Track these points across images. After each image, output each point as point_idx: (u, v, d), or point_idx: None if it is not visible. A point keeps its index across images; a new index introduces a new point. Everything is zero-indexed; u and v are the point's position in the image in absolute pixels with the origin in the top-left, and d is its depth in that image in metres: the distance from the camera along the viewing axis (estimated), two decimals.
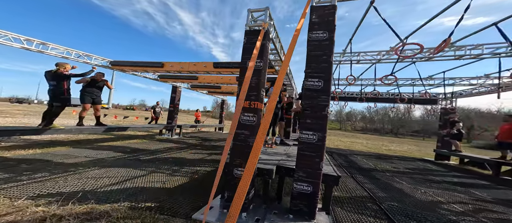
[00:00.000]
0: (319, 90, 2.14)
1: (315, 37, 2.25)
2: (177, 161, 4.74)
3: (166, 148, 6.26)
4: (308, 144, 2.17)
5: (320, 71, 2.16)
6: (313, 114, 2.16)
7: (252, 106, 2.40)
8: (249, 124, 2.39)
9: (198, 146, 7.18)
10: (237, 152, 2.42)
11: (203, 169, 4.28)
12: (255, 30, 2.56)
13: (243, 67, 2.49)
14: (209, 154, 5.82)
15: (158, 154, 5.32)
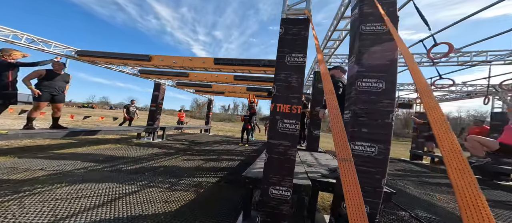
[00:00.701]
0: (379, 93, 1.79)
1: (371, 31, 1.90)
2: (170, 171, 4.05)
3: (151, 154, 5.44)
4: (364, 157, 1.80)
5: (380, 70, 1.81)
6: (372, 122, 1.79)
7: (294, 111, 1.96)
8: (290, 133, 1.94)
9: (188, 151, 6.45)
10: (274, 167, 1.96)
11: (205, 180, 3.70)
12: (294, 19, 2.12)
13: (282, 62, 2.04)
14: (205, 161, 5.19)
15: (143, 162, 4.54)
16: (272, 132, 2.00)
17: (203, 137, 11.09)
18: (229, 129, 22.98)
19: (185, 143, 8.05)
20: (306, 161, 3.46)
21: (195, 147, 7.29)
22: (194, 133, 12.90)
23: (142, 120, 12.19)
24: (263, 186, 2.00)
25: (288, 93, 1.98)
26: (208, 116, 13.70)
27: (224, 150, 7.15)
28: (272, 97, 2.05)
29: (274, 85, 2.05)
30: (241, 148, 7.90)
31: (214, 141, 9.40)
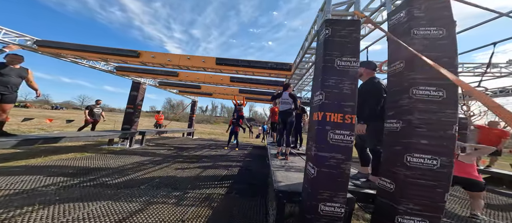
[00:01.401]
0: (440, 102, 1.67)
1: (425, 35, 1.79)
2: (168, 182, 3.54)
3: (135, 163, 4.75)
4: (424, 170, 1.66)
5: (440, 77, 1.69)
6: (432, 133, 1.67)
7: (347, 121, 1.74)
8: (344, 145, 1.72)
9: (177, 158, 5.83)
10: (325, 182, 1.72)
11: (212, 191, 3.30)
12: (344, 21, 1.91)
13: (331, 66, 1.80)
14: (201, 169, 4.70)
15: (130, 173, 3.91)
16: (321, 143, 1.76)
17: (187, 140, 10.32)
18: (211, 131, 22.11)
19: (171, 149, 7.32)
20: None
21: (183, 153, 6.66)
22: (176, 136, 11.96)
23: (108, 122, 10.89)
24: (310, 202, 1.75)
25: (340, 101, 1.76)
26: (191, 118, 12.86)
27: (216, 155, 6.68)
28: (319, 105, 1.81)
29: (321, 91, 1.81)
30: (233, 152, 7.49)
31: (201, 145, 8.79)
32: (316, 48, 2.16)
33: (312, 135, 1.92)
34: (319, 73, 1.90)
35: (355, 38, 1.82)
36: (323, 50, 1.89)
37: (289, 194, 2.12)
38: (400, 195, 1.72)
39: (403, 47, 1.89)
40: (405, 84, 1.84)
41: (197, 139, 11.56)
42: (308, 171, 1.92)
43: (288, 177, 2.66)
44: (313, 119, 1.98)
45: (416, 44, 1.80)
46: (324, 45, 1.89)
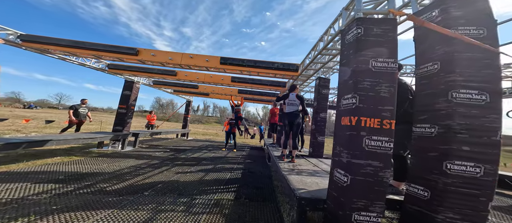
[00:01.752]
0: (483, 106, 1.56)
1: (466, 34, 1.66)
2: (173, 188, 3.29)
3: (131, 167, 4.42)
4: (466, 178, 1.54)
5: (482, 80, 1.58)
6: (475, 139, 1.55)
7: (386, 126, 1.58)
8: (381, 152, 1.57)
9: (175, 160, 5.52)
10: (359, 190, 1.57)
11: (220, 196, 3.09)
12: (378, 19, 1.77)
13: (364, 68, 1.65)
14: (203, 172, 4.43)
15: (129, 178, 3.62)
16: (355, 150, 1.60)
17: (182, 142, 9.91)
18: (204, 131, 21.66)
19: (166, 151, 6.95)
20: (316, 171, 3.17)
21: (181, 155, 6.33)
22: (169, 137, 11.49)
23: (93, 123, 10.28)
24: (343, 212, 1.59)
25: (377, 105, 1.60)
26: (186, 118, 12.44)
27: (215, 157, 6.41)
28: (352, 109, 1.65)
29: (354, 94, 1.65)
30: (232, 154, 7.25)
31: (198, 147, 8.46)
32: (343, 48, 2.00)
33: (342, 141, 1.75)
34: (350, 75, 1.74)
35: (391, 37, 1.68)
36: (355, 51, 1.73)
37: (312, 201, 1.96)
38: (439, 203, 1.59)
39: (436, 47, 1.77)
40: (441, 87, 1.71)
41: (192, 140, 11.17)
42: (337, 178, 1.76)
43: (304, 182, 2.49)
44: (341, 124, 1.82)
45: (455, 45, 1.68)
46: (356, 45, 1.74)
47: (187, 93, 10.29)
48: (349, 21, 2.16)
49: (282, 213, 2.64)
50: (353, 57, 1.75)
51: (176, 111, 17.06)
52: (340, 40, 2.08)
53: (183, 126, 12.48)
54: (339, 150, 1.79)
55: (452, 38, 1.68)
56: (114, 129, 7.00)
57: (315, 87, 4.74)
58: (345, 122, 1.73)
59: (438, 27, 1.49)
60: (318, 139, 4.59)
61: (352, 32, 1.83)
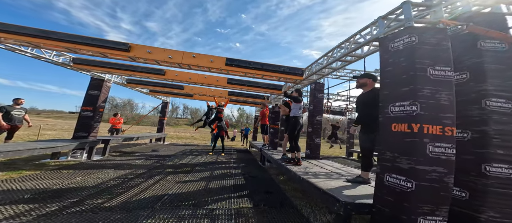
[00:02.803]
0: (510, 114, 1.71)
1: (491, 48, 1.82)
2: (180, 198, 2.86)
3: (115, 178, 3.65)
4: (503, 179, 1.67)
5: (509, 89, 1.74)
6: (507, 143, 1.69)
7: (448, 133, 1.59)
8: (445, 158, 1.56)
9: (165, 167, 4.83)
10: (426, 195, 1.53)
11: (237, 205, 2.77)
12: (431, 28, 1.78)
13: (424, 76, 1.64)
14: (204, 180, 3.95)
15: (121, 192, 3.00)
16: (419, 156, 1.57)
17: (159, 147, 8.76)
18: (179, 135, 20.06)
19: (147, 158, 6.00)
20: (334, 171, 3.19)
21: (168, 162, 5.58)
22: (141, 143, 10.00)
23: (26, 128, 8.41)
24: (408, 216, 1.54)
25: (438, 113, 1.60)
26: (162, 121, 11.19)
27: (206, 162, 5.87)
28: (412, 116, 1.62)
29: (415, 101, 1.63)
30: (221, 158, 6.79)
31: (181, 152, 7.67)
32: (385, 56, 1.97)
33: (397, 147, 1.71)
34: (405, 81, 1.72)
35: (445, 46, 1.71)
36: (409, 58, 1.72)
37: (358, 206, 1.87)
38: (481, 203, 1.68)
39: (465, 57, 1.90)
40: (472, 95, 1.84)
41: (170, 145, 10.05)
42: (392, 184, 1.69)
43: (331, 185, 2.39)
44: (392, 130, 1.78)
45: (484, 56, 1.82)
46: (409, 52, 1.73)
47: (165, 93, 9.27)
48: (391, 30, 2.17)
49: (308, 217, 2.51)
50: (406, 64, 1.74)
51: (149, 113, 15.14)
52: (380, 47, 2.07)
53: (159, 129, 11.20)
54: (392, 155, 1.74)
55: (483, 50, 1.82)
56: (76, 136, 5.59)
57: (310, 91, 4.79)
58: (401, 128, 1.70)
59: (501, 33, 1.58)
60: (315, 141, 4.63)
61: (401, 40, 1.82)
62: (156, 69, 5.44)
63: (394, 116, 1.79)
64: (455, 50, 1.97)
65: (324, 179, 2.74)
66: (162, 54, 3.91)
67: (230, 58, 4.04)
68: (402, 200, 1.59)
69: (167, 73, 5.51)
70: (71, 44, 3.73)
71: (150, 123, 47.44)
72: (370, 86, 2.64)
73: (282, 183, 3.99)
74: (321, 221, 2.39)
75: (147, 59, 4.02)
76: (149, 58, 3.90)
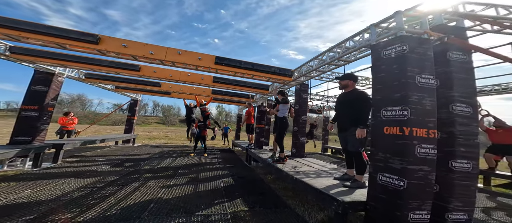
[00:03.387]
0: (469, 117, 2.02)
1: (457, 58, 2.09)
2: (169, 206, 2.60)
3: (78, 188, 3.10)
4: (464, 173, 1.97)
5: (468, 96, 2.03)
6: (467, 142, 1.99)
7: (431, 136, 1.78)
8: (429, 158, 1.75)
9: (142, 172, 4.33)
10: (414, 192, 1.70)
11: (233, 209, 2.64)
12: (419, 38, 1.94)
13: (412, 83, 1.80)
14: (190, 183, 3.65)
15: (95, 203, 2.57)
16: (408, 157, 1.73)
17: (129, 149, 7.74)
18: (151, 135, 18.41)
19: (119, 163, 5.25)
20: (321, 170, 3.39)
21: (144, 166, 5.02)
22: (104, 146, 8.45)
23: None
24: (401, 212, 1.69)
25: (424, 117, 1.78)
26: (131, 121, 9.99)
27: (189, 164, 5.50)
28: (404, 120, 1.78)
29: (406, 107, 1.79)
30: (204, 159, 6.46)
31: (157, 154, 7.02)
32: (377, 62, 2.11)
33: (389, 148, 1.85)
34: (397, 88, 1.87)
35: (430, 56, 1.90)
36: (400, 66, 1.86)
37: (354, 204, 1.98)
38: (450, 195, 1.95)
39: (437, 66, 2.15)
40: (442, 100, 2.10)
41: (142, 147, 8.91)
42: (385, 182, 1.83)
43: (325, 185, 2.47)
44: (384, 132, 1.92)
45: (453, 66, 2.08)
46: (400, 60, 1.87)
47: (136, 91, 8.33)
48: (383, 37, 2.32)
49: (303, 216, 2.54)
50: (398, 71, 1.87)
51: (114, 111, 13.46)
52: (372, 54, 2.20)
53: (127, 130, 9.96)
54: (384, 156, 1.87)
55: (451, 60, 2.10)
56: (15, 141, 4.48)
57: (295, 92, 4.89)
58: (392, 131, 1.84)
59: (478, 47, 1.82)
60: (300, 140, 4.78)
61: (393, 48, 1.95)
62: (129, 65, 4.78)
63: (386, 120, 1.93)
64: None
65: (315, 178, 2.84)
66: (142, 49, 3.43)
67: (220, 57, 3.81)
68: (395, 198, 1.74)
69: (142, 70, 4.91)
70: (15, 31, 2.96)
71: (110, 121, 41.88)
72: (351, 87, 2.69)
73: (271, 183, 3.99)
74: (316, 219, 2.45)
75: (121, 54, 3.50)
76: (124, 53, 3.39)
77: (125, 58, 3.95)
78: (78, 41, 3.20)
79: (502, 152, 4.47)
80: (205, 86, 5.88)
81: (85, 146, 7.70)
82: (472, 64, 2.14)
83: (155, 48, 3.55)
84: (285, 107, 3.87)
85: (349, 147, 2.55)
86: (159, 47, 3.58)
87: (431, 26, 2.28)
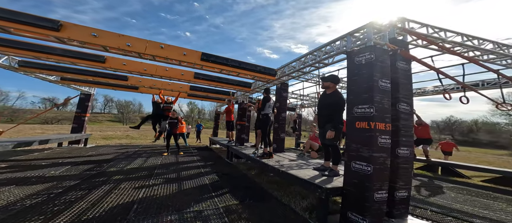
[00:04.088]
0: (408, 113, 2.60)
1: (403, 67, 2.57)
2: (156, 205, 2.48)
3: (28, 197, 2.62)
4: (404, 158, 2.46)
5: (407, 98, 2.61)
6: (407, 134, 2.57)
7: (388, 128, 2.25)
8: (386, 147, 2.21)
9: (101, 176, 3.82)
10: (377, 176, 2.12)
11: (225, 203, 2.71)
12: (381, 49, 2.35)
13: (376, 86, 2.22)
14: (171, 182, 3.42)
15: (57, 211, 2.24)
16: (372, 146, 2.15)
17: (81, 151, 6.51)
18: (103, 134, 15.95)
19: (73, 166, 4.46)
20: (300, 163, 3.80)
21: (110, 168, 4.38)
22: (45, 148, 6.81)
23: None
24: (369, 193, 2.08)
25: (383, 114, 2.23)
26: (82, 118, 8.37)
27: (166, 163, 5.11)
28: (370, 116, 2.19)
29: (371, 105, 2.21)
30: (181, 158, 6.08)
31: (124, 155, 6.18)
32: (351, 66, 2.48)
33: (360, 140, 2.23)
34: (365, 89, 2.26)
35: (387, 64, 2.33)
36: (368, 71, 2.25)
37: (334, 190, 2.33)
38: (397, 176, 2.38)
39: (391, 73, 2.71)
40: (392, 100, 2.60)
41: (98, 148, 7.60)
42: (357, 169, 2.21)
43: (308, 175, 2.81)
44: (356, 126, 2.30)
45: (399, 73, 2.60)
46: (369, 67, 2.25)
47: (90, 83, 7.10)
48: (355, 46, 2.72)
49: (289, 204, 2.78)
50: (367, 76, 2.25)
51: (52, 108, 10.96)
52: (347, 59, 2.56)
53: (75, 128, 8.06)
54: (356, 147, 2.25)
55: (398, 69, 2.66)
56: None
57: (276, 90, 5.15)
58: (362, 125, 2.23)
59: (420, 60, 2.34)
60: (280, 136, 5.08)
61: (364, 55, 2.32)
62: (92, 55, 4.11)
63: (357, 116, 2.32)
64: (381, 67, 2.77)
65: (298, 169, 3.14)
66: (116, 40, 3.01)
67: (207, 54, 3.68)
68: (365, 181, 2.11)
69: (109, 61, 4.27)
70: None
71: (39, 120, 33.31)
72: (332, 89, 2.88)
73: (256, 177, 4.13)
74: (301, 206, 2.70)
75: (87, 44, 3.01)
76: (93, 43, 2.92)
77: (90, 48, 3.40)
78: (31, 26, 2.60)
79: (417, 143, 5.88)
80: (185, 82, 5.53)
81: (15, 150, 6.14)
82: (411, 72, 2.76)
83: (134, 40, 3.17)
84: (268, 105, 4.04)
85: (325, 141, 2.85)
86: (138, 39, 3.21)
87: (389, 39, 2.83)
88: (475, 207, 3.10)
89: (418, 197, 3.49)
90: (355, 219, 2.15)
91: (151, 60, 3.64)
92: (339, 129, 2.73)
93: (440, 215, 2.73)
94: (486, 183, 4.84)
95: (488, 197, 3.69)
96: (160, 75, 4.70)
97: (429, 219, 2.60)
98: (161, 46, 3.37)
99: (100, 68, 4.47)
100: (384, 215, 2.22)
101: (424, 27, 3.00)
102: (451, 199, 3.45)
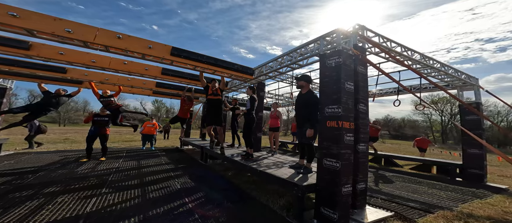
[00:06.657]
0: (365, 113, 2.93)
1: (362, 71, 2.85)
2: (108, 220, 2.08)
3: None
4: (363, 153, 2.77)
5: (365, 98, 2.94)
6: (364, 131, 2.91)
7: (352, 126, 2.48)
8: (350, 144, 2.42)
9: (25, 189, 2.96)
10: (344, 171, 2.30)
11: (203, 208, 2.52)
12: (348, 53, 2.55)
13: (343, 88, 2.40)
14: (135, 188, 2.95)
15: None
16: (341, 143, 2.34)
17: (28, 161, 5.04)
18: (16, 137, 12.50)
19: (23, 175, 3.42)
20: (276, 161, 3.89)
21: (39, 180, 3.44)
22: None
23: None
24: (338, 188, 2.23)
25: (348, 113, 2.44)
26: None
27: (124, 169, 4.40)
28: (339, 115, 2.38)
29: (339, 106, 2.39)
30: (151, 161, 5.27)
31: (59, 162, 4.91)
32: (323, 69, 2.62)
33: (330, 138, 2.37)
34: (335, 91, 2.42)
35: (352, 68, 2.56)
36: (337, 74, 2.41)
37: (310, 187, 2.45)
38: (359, 170, 2.65)
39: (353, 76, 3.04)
40: (355, 101, 2.94)
41: (22, 155, 5.94)
42: (328, 165, 2.34)
43: (285, 173, 2.88)
44: (327, 125, 2.45)
45: (358, 77, 2.89)
46: (338, 70, 2.41)
47: (8, 75, 5.41)
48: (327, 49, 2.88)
49: (267, 203, 2.79)
50: (336, 79, 2.39)
51: None
52: (320, 61, 2.68)
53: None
54: (327, 144, 2.38)
55: (358, 73, 2.99)
56: None
57: None
58: (332, 124, 2.37)
59: (376, 65, 2.65)
60: (257, 135, 5.03)
61: (334, 59, 2.46)
62: (11, 40, 3.08)
63: (328, 115, 2.46)
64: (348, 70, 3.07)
65: (275, 169, 3.16)
66: (51, 25, 2.29)
67: (177, 48, 3.27)
68: (334, 177, 2.25)
69: (36, 48, 3.28)
70: None
71: None
72: (306, 88, 3.00)
73: (233, 178, 3.97)
74: (278, 205, 2.73)
75: (7, 26, 2.23)
76: (14, 25, 2.17)
77: (7, 31, 2.56)
78: None
79: None
80: (150, 78, 4.78)
81: None
82: (367, 76, 3.15)
83: (77, 26, 2.49)
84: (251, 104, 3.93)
85: (303, 139, 2.97)
86: (84, 26, 2.54)
87: None
88: (408, 192, 3.78)
89: (370, 187, 4.04)
90: (327, 214, 2.28)
91: (103, 51, 3.00)
92: (317, 127, 2.84)
93: (388, 202, 3.19)
94: (412, 170, 6.02)
95: (415, 182, 4.57)
96: (115, 69, 3.95)
97: (380, 206, 2.97)
98: (118, 36, 2.78)
99: (22, 56, 3.40)
100: (350, 207, 2.45)
101: (377, 36, 3.45)
102: (393, 186, 4.11)
